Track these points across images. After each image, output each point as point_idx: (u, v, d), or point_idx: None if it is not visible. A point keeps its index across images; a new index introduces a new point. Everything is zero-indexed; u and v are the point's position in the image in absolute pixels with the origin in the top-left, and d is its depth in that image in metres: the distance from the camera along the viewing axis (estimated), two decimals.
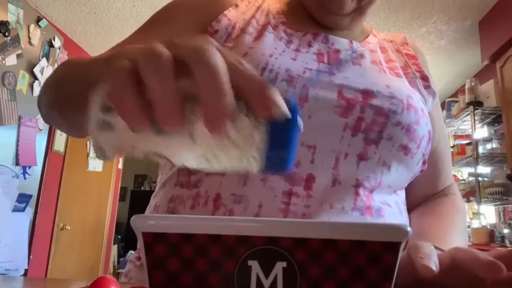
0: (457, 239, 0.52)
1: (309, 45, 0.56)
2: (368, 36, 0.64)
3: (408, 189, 0.59)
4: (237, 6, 0.60)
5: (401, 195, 0.56)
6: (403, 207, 0.55)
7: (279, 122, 0.24)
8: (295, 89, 0.48)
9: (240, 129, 0.25)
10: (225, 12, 0.58)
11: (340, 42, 0.58)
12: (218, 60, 0.24)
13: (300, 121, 0.25)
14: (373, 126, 0.49)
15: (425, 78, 0.60)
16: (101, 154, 0.26)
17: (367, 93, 0.50)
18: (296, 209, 0.45)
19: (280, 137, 0.25)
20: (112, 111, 0.25)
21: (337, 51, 0.57)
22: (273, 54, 0.52)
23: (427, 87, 0.60)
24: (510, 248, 0.32)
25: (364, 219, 0.46)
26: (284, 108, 0.24)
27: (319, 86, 0.50)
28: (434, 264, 0.30)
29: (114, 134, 0.25)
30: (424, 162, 0.55)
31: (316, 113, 0.48)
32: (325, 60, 0.54)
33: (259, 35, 0.56)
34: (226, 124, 0.24)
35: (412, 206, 0.60)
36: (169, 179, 0.54)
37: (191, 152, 0.26)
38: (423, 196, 0.63)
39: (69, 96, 0.47)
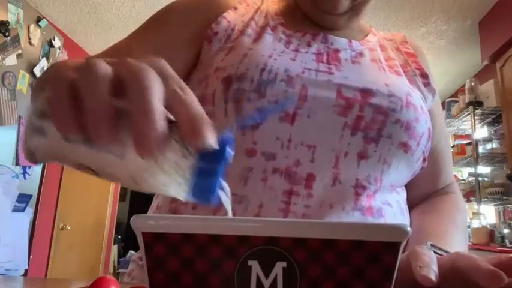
0: (458, 238, 0.52)
1: (308, 45, 0.56)
2: (367, 35, 0.64)
3: (409, 187, 0.59)
4: (235, 8, 0.60)
5: (403, 194, 0.56)
6: (405, 207, 0.55)
7: (207, 153, 0.25)
8: (294, 89, 0.49)
9: (169, 155, 0.25)
10: (224, 14, 0.59)
11: (339, 42, 0.59)
12: (152, 82, 0.24)
13: (229, 155, 0.26)
14: (373, 124, 0.49)
15: (425, 76, 0.60)
16: (30, 157, 0.27)
17: (365, 92, 0.50)
18: (296, 209, 0.45)
19: (205, 168, 0.25)
20: (47, 118, 0.25)
21: (337, 50, 0.57)
22: (272, 55, 0.52)
23: (427, 84, 0.60)
24: (511, 255, 0.32)
25: (364, 219, 0.47)
26: (211, 141, 0.25)
27: (318, 85, 0.50)
28: (433, 274, 0.30)
29: (47, 140, 0.26)
30: (424, 160, 0.55)
31: (315, 112, 0.48)
32: (324, 60, 0.54)
33: (258, 36, 0.56)
34: (154, 147, 0.24)
35: (412, 203, 0.60)
36: None
37: (119, 170, 0.26)
38: (423, 194, 0.63)
39: None
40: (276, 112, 0.48)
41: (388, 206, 0.50)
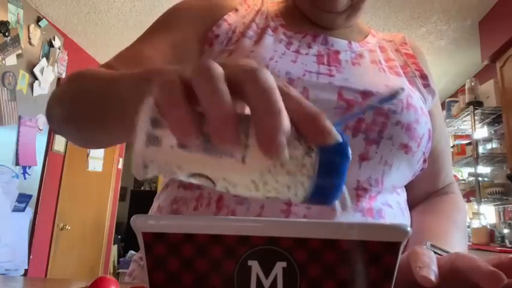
0: (458, 238, 0.52)
1: (309, 47, 0.56)
2: (367, 36, 0.64)
3: (409, 187, 0.59)
4: (236, 10, 0.61)
5: (403, 194, 0.56)
6: (405, 207, 0.55)
7: (329, 150, 0.24)
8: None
9: (292, 155, 0.24)
10: (225, 17, 0.59)
11: (339, 43, 0.59)
12: (273, 81, 0.24)
13: (350, 151, 0.25)
14: (373, 126, 0.49)
15: (424, 77, 0.60)
16: (142, 172, 0.25)
17: (366, 94, 0.50)
18: (297, 211, 0.45)
19: (330, 165, 0.24)
20: (161, 125, 0.24)
21: (337, 52, 0.57)
22: (273, 57, 0.52)
23: (427, 85, 0.60)
24: (511, 256, 0.32)
25: (365, 220, 0.47)
26: (336, 134, 0.24)
27: (319, 88, 0.50)
28: (433, 274, 0.30)
29: (162, 150, 0.24)
30: (424, 161, 0.55)
31: None
32: (325, 62, 0.54)
33: (259, 38, 0.56)
34: (282, 146, 0.23)
35: (412, 204, 0.60)
36: (172, 180, 0.55)
37: (239, 175, 0.25)
38: (423, 194, 0.63)
39: (94, 111, 0.45)
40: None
41: (388, 207, 0.50)
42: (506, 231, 2.80)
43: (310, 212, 0.45)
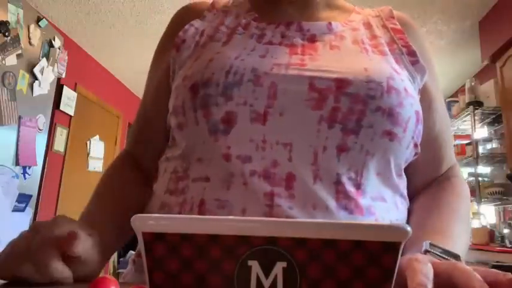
0: (460, 230, 0.51)
1: (283, 36, 0.55)
2: (350, 15, 0.61)
3: (410, 174, 0.56)
4: (204, 17, 0.61)
5: (402, 183, 0.54)
6: (401, 200, 0.53)
7: None
8: (263, 87, 0.47)
9: None
10: (192, 22, 0.59)
11: (316, 27, 0.57)
12: None
13: None
14: (350, 115, 0.46)
15: (412, 54, 0.56)
16: None
17: (341, 81, 0.48)
18: (279, 211, 0.43)
19: None
20: None
21: (313, 36, 0.55)
22: (240, 55, 0.51)
23: (415, 62, 0.56)
24: (509, 276, 0.32)
25: (354, 219, 0.45)
26: None
27: (287, 80, 0.48)
28: None
29: None
30: (415, 145, 0.52)
31: (288, 109, 0.47)
32: (299, 52, 0.52)
33: (228, 39, 0.56)
34: None
35: (414, 191, 0.58)
36: (159, 185, 0.54)
37: None
38: (426, 180, 0.60)
39: None
40: None
41: (380, 201, 0.48)
42: (506, 231, 2.80)
43: (292, 212, 0.43)
